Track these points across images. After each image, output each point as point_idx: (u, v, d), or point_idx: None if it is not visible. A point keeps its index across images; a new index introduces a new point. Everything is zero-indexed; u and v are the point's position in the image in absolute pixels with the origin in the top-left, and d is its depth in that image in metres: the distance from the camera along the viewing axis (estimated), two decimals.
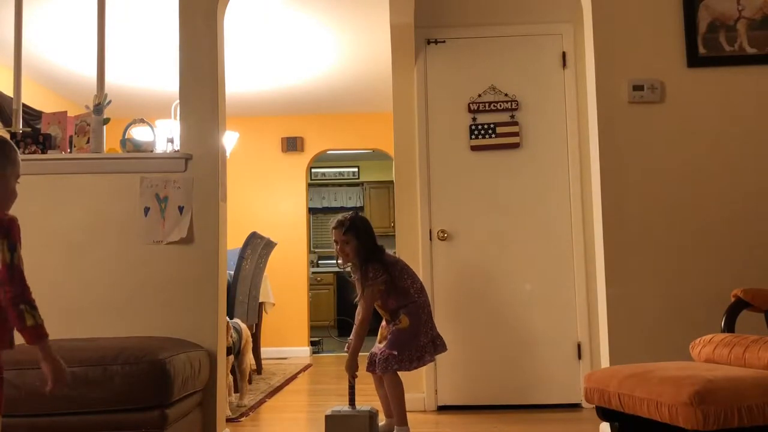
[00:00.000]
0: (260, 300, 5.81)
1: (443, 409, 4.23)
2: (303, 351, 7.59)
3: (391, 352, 3.35)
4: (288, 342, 7.55)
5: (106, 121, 3.49)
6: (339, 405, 3.36)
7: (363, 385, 3.51)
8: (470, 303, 4.29)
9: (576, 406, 4.19)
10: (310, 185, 8.90)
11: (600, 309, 3.35)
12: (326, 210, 10.60)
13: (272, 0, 4.88)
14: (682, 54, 3.31)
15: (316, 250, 10.51)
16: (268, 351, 6.97)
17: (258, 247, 5.37)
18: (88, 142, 3.46)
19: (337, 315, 9.95)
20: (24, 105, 3.72)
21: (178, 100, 3.45)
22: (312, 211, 9.84)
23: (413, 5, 4.21)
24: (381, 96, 6.51)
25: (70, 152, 3.51)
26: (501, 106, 4.39)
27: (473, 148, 4.37)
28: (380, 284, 3.38)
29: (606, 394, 2.28)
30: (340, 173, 10.79)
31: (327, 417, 3.23)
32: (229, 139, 6.49)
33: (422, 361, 3.42)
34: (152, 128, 3.65)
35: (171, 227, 3.32)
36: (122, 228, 3.33)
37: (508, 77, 4.41)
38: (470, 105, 4.39)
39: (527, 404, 4.20)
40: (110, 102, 3.55)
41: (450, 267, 4.32)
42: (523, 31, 4.45)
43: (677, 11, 3.33)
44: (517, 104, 4.38)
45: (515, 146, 4.36)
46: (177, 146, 3.47)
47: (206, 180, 3.35)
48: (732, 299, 2.62)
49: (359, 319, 3.40)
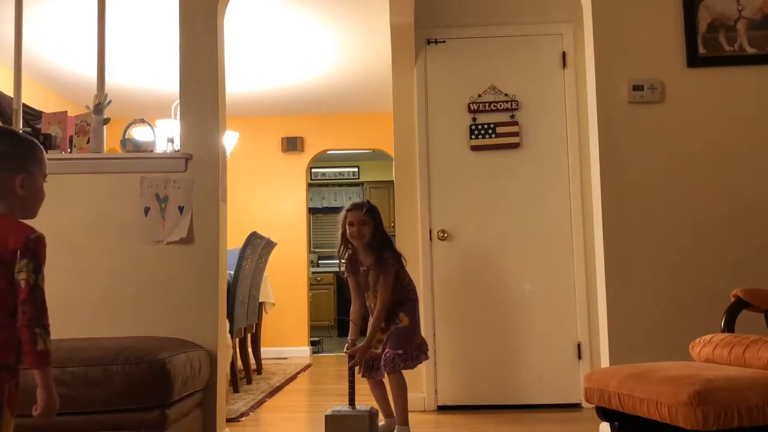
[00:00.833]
0: (260, 300, 5.80)
1: (443, 409, 4.22)
2: (303, 351, 7.60)
3: (396, 352, 3.36)
4: (288, 342, 7.55)
5: (106, 121, 3.49)
6: (339, 405, 3.36)
7: (363, 385, 3.51)
8: (470, 303, 4.29)
9: (576, 406, 4.19)
10: (310, 185, 8.90)
11: (600, 309, 3.35)
12: (326, 210, 10.59)
13: (272, 0, 4.88)
14: (682, 54, 3.31)
15: (316, 250, 10.50)
16: (268, 351, 6.97)
17: (258, 247, 5.37)
18: (88, 142, 3.46)
19: (337, 315, 9.95)
20: (24, 105, 3.73)
21: (178, 100, 3.45)
22: (312, 211, 9.84)
23: (413, 5, 4.21)
24: (381, 96, 6.51)
25: (70, 152, 3.51)
26: (501, 106, 4.39)
27: (473, 148, 4.37)
28: (392, 273, 3.42)
29: (606, 394, 2.28)
30: (340, 173, 10.77)
31: (327, 417, 3.23)
32: (229, 139, 6.48)
33: (419, 360, 3.45)
34: (152, 128, 3.65)
35: (171, 227, 3.32)
36: (122, 228, 3.33)
37: (508, 77, 4.41)
38: (470, 105, 4.39)
39: (527, 404, 4.20)
40: (110, 102, 3.55)
41: (450, 267, 4.32)
42: (523, 31, 4.45)
43: (677, 11, 3.33)
44: (517, 104, 4.38)
45: (515, 146, 4.36)
46: (177, 146, 3.47)
47: (206, 180, 3.36)
48: (732, 299, 2.61)
49: (381, 303, 3.38)
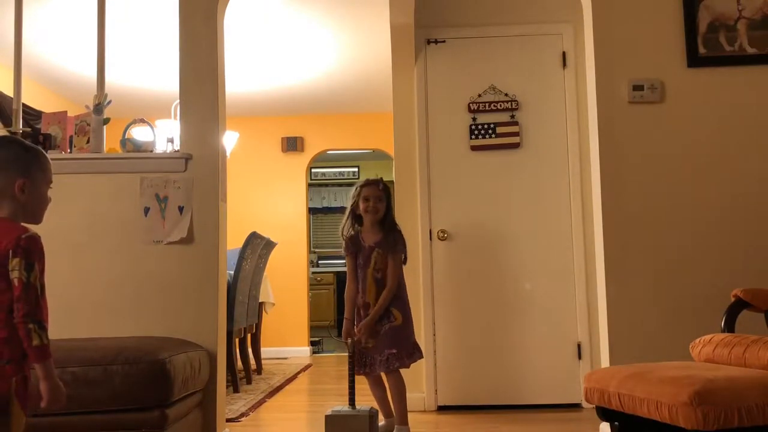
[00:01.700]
0: (260, 300, 5.80)
1: (443, 409, 4.22)
2: (303, 351, 7.59)
3: (391, 351, 3.35)
4: (288, 342, 7.55)
5: (106, 121, 3.49)
6: (339, 405, 3.36)
7: (363, 385, 3.50)
8: (470, 303, 4.29)
9: (576, 406, 4.18)
10: (310, 185, 8.89)
11: (600, 309, 3.35)
12: (326, 210, 10.58)
13: (272, 0, 4.88)
14: (682, 54, 3.31)
15: (316, 250, 10.49)
16: (268, 351, 6.97)
17: (258, 247, 5.37)
18: (88, 142, 3.46)
19: (337, 315, 9.93)
20: (24, 105, 3.72)
21: (178, 100, 3.45)
22: (312, 211, 9.83)
23: (413, 5, 4.21)
24: (381, 96, 6.51)
25: (70, 152, 3.51)
26: (501, 106, 4.38)
27: (473, 148, 4.37)
28: (402, 252, 3.46)
29: (606, 394, 2.28)
30: (340, 173, 10.76)
31: (327, 417, 3.23)
32: (229, 139, 6.49)
33: (413, 358, 3.44)
34: (152, 128, 3.65)
35: (171, 227, 3.32)
36: (122, 228, 3.33)
37: (508, 77, 4.41)
38: (470, 105, 4.39)
39: (527, 404, 4.20)
40: (110, 102, 3.55)
41: (450, 267, 4.32)
42: (523, 31, 4.45)
43: (677, 11, 3.33)
44: (517, 104, 4.38)
45: (515, 146, 4.36)
46: (177, 146, 3.47)
47: (206, 180, 3.36)
48: (732, 299, 2.61)
49: (393, 279, 3.42)
